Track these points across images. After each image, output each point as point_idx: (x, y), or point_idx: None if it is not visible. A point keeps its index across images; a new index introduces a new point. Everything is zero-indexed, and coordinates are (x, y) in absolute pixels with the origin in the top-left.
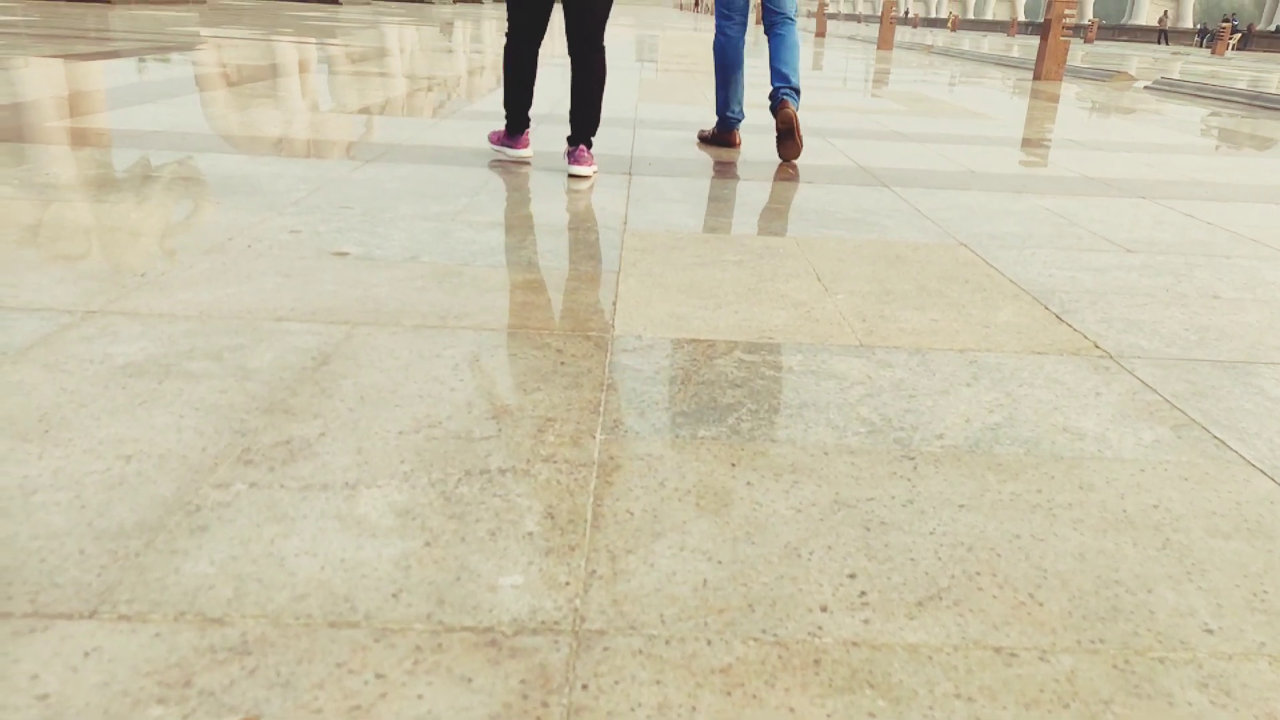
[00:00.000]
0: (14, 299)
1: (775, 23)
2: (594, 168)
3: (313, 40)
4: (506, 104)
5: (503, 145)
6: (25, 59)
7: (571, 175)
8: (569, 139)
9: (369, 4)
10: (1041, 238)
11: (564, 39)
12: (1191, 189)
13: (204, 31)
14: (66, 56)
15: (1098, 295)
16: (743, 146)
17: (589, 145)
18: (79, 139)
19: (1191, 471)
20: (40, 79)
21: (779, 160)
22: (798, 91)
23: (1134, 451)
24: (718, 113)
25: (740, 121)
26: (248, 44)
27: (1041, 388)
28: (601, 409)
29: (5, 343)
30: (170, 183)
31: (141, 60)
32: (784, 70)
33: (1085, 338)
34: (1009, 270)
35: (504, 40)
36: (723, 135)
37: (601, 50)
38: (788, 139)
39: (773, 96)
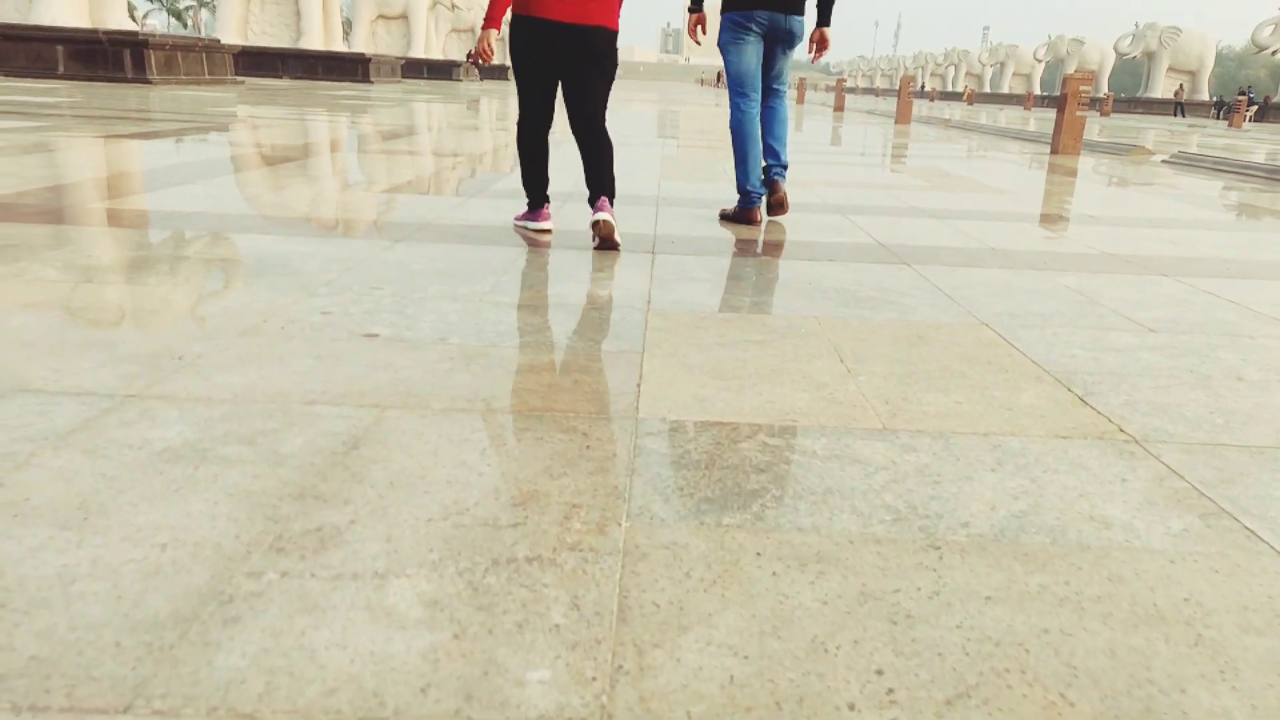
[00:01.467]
0: (58, 383)
1: (771, 94)
2: (613, 218)
3: (345, 118)
4: (525, 184)
5: (524, 221)
6: (69, 140)
7: (595, 222)
8: (590, 196)
9: (399, 82)
10: (1063, 317)
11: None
12: (1212, 266)
13: (241, 111)
14: (108, 137)
15: (1121, 377)
16: (764, 226)
17: (611, 199)
18: (120, 220)
19: (1222, 563)
20: (83, 160)
21: (800, 238)
22: (786, 167)
23: (1163, 541)
24: (739, 190)
25: (761, 197)
26: (283, 123)
27: (1067, 473)
28: (627, 495)
29: (49, 428)
30: (207, 264)
31: (180, 140)
32: (776, 147)
33: (1110, 421)
34: (1031, 350)
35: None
36: (744, 214)
37: (604, 131)
38: (777, 211)
39: (765, 172)
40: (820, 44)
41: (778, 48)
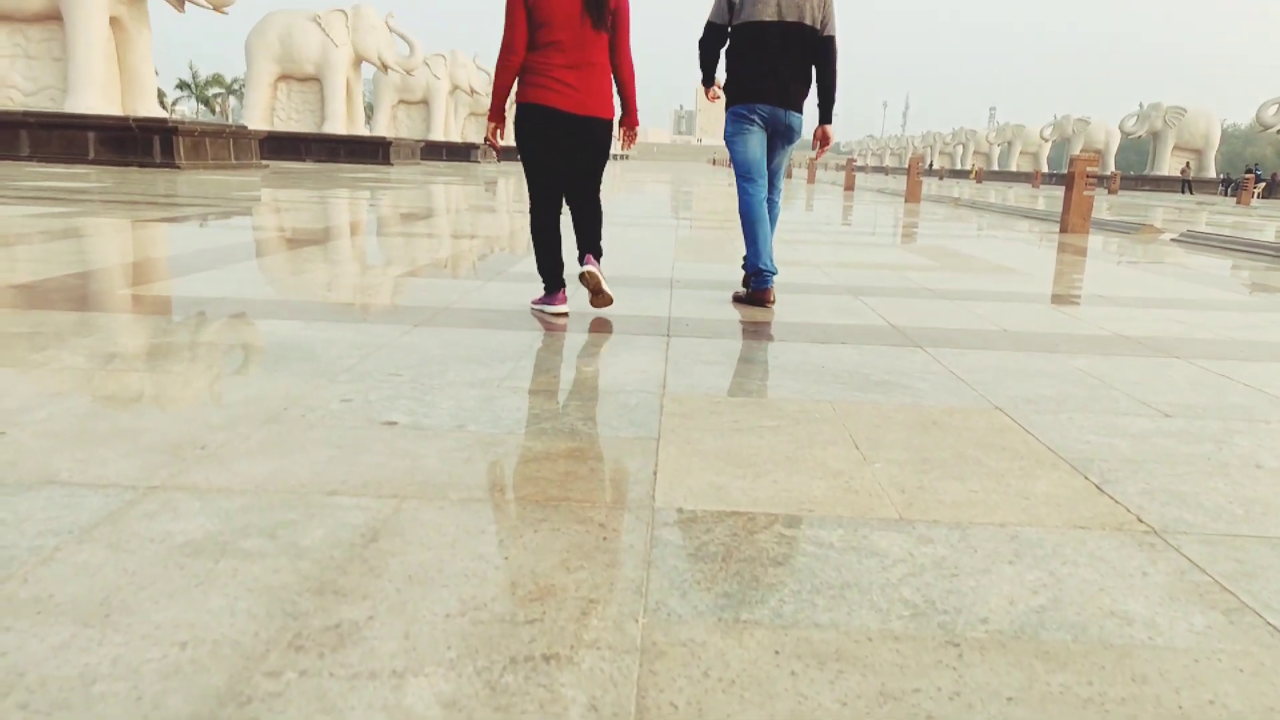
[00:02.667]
0: (83, 474)
1: (767, 195)
2: (599, 271)
3: (365, 200)
4: (540, 270)
5: (541, 305)
6: (97, 225)
7: (583, 274)
8: (580, 253)
9: (418, 164)
10: (1077, 401)
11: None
12: (1225, 348)
13: (265, 194)
14: (135, 222)
15: (1137, 464)
16: (777, 308)
17: (597, 255)
18: (146, 306)
19: (1247, 662)
20: (110, 246)
21: (812, 320)
22: (774, 274)
23: (1186, 639)
24: (751, 270)
25: (774, 275)
26: (305, 206)
27: (1086, 566)
28: (644, 590)
29: (73, 521)
30: (231, 350)
31: (205, 225)
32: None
33: (1128, 511)
34: (1045, 436)
35: (529, 212)
36: (758, 295)
37: (598, 201)
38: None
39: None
40: (823, 141)
41: (777, 141)
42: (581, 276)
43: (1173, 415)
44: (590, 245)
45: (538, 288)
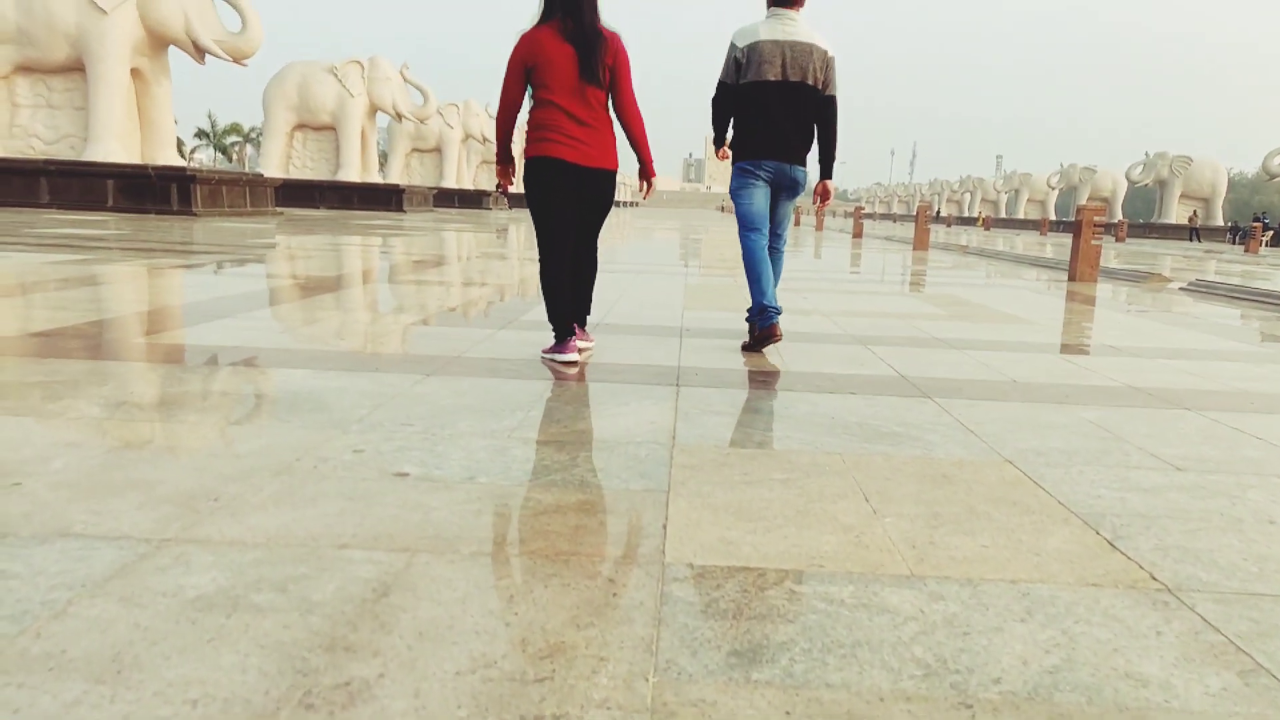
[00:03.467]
0: (97, 526)
1: (771, 244)
2: (591, 343)
3: (377, 247)
4: (550, 319)
5: (552, 354)
6: (114, 272)
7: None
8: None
9: (431, 210)
10: (1088, 454)
11: (607, 254)
12: (1236, 399)
13: (279, 241)
14: (151, 269)
15: (1150, 519)
16: (787, 358)
17: (583, 324)
18: (161, 355)
19: None
20: (126, 293)
21: (822, 370)
22: (779, 311)
23: (1201, 702)
24: (757, 309)
25: (779, 313)
26: (318, 253)
27: (1099, 625)
28: (654, 647)
29: (86, 574)
30: (244, 400)
31: (220, 272)
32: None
33: (1140, 568)
34: (1057, 490)
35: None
36: (765, 332)
37: (595, 254)
38: (762, 346)
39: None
40: (823, 195)
41: (782, 194)
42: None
43: (1185, 469)
44: (580, 310)
45: (548, 335)
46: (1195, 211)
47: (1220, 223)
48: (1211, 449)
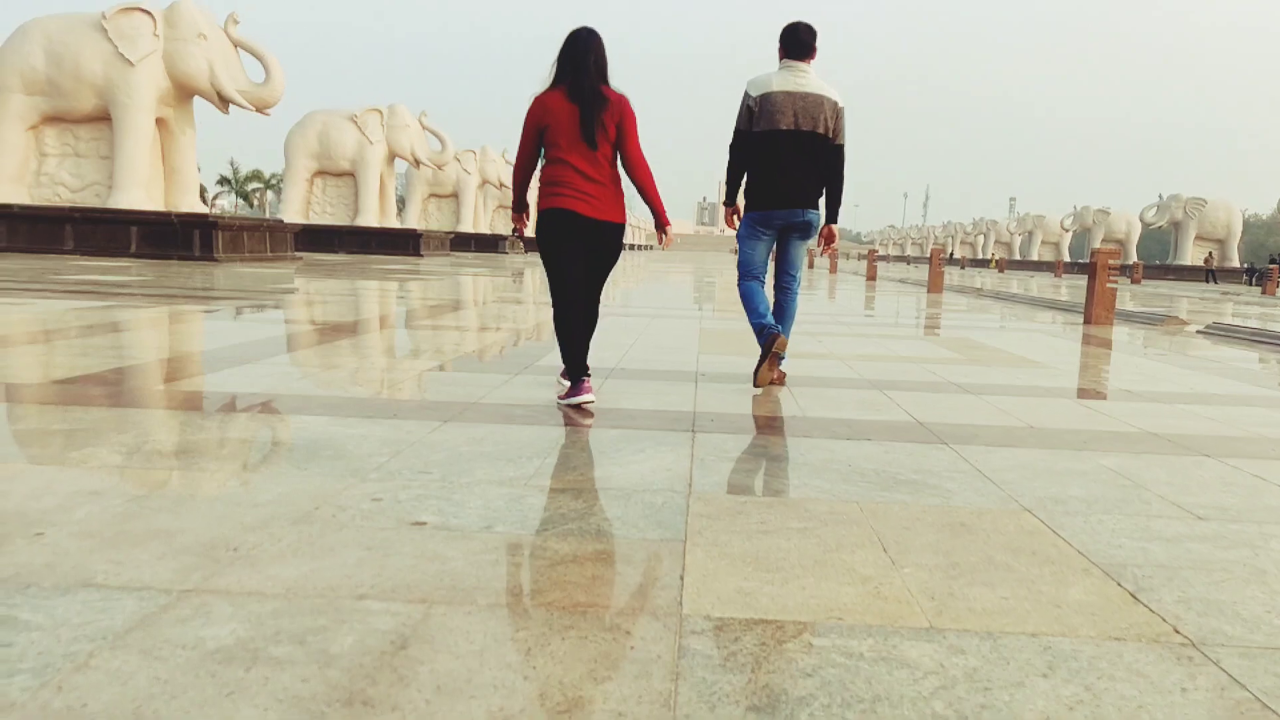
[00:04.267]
0: (118, 577)
1: (785, 284)
2: (592, 397)
3: (395, 291)
4: (564, 360)
5: (568, 397)
6: (136, 318)
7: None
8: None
9: (448, 254)
10: (1107, 502)
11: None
12: (1256, 446)
13: (299, 286)
14: (173, 316)
15: (1172, 570)
16: (802, 403)
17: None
18: (182, 402)
19: None
20: (148, 340)
21: (838, 415)
22: (783, 359)
23: None
24: (754, 328)
25: (775, 328)
26: (337, 298)
27: (1123, 681)
28: (672, 702)
29: (108, 626)
30: (264, 448)
31: (240, 318)
32: (783, 326)
33: (1164, 621)
34: (1076, 540)
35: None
36: (768, 344)
37: (597, 305)
38: (773, 358)
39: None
40: (829, 238)
41: (793, 235)
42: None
43: (1206, 518)
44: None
45: (563, 380)
46: (1210, 253)
47: (1236, 264)
48: (1232, 497)
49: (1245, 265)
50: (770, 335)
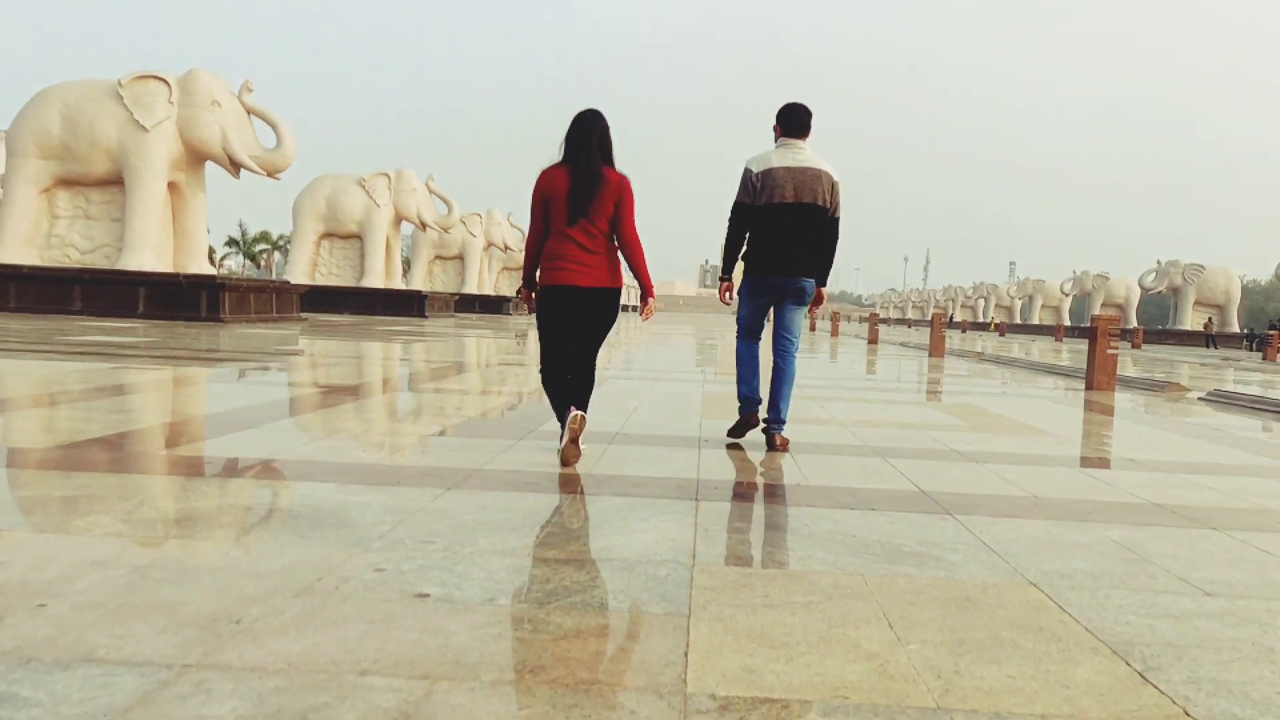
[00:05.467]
0: (119, 651)
1: (784, 347)
2: (584, 426)
3: (398, 353)
4: (554, 409)
5: (562, 439)
6: (141, 381)
7: (571, 416)
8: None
9: (452, 316)
10: (1113, 577)
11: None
12: (1262, 518)
13: (304, 348)
14: (177, 379)
15: (1181, 649)
16: (805, 470)
17: (583, 408)
18: (185, 468)
19: None
20: (153, 404)
21: (841, 484)
22: (784, 423)
23: None
24: (739, 397)
25: (758, 403)
26: (341, 361)
27: None
28: None
29: (108, 703)
30: (267, 516)
31: (244, 380)
32: (779, 404)
33: (1174, 703)
34: (1083, 616)
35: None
36: (745, 417)
37: (593, 368)
38: (739, 435)
39: (765, 429)
40: (817, 301)
41: (789, 301)
42: (570, 419)
43: (1214, 594)
44: (581, 401)
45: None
46: (1210, 318)
47: (1236, 329)
48: (1239, 572)
49: (1245, 330)
50: (747, 414)
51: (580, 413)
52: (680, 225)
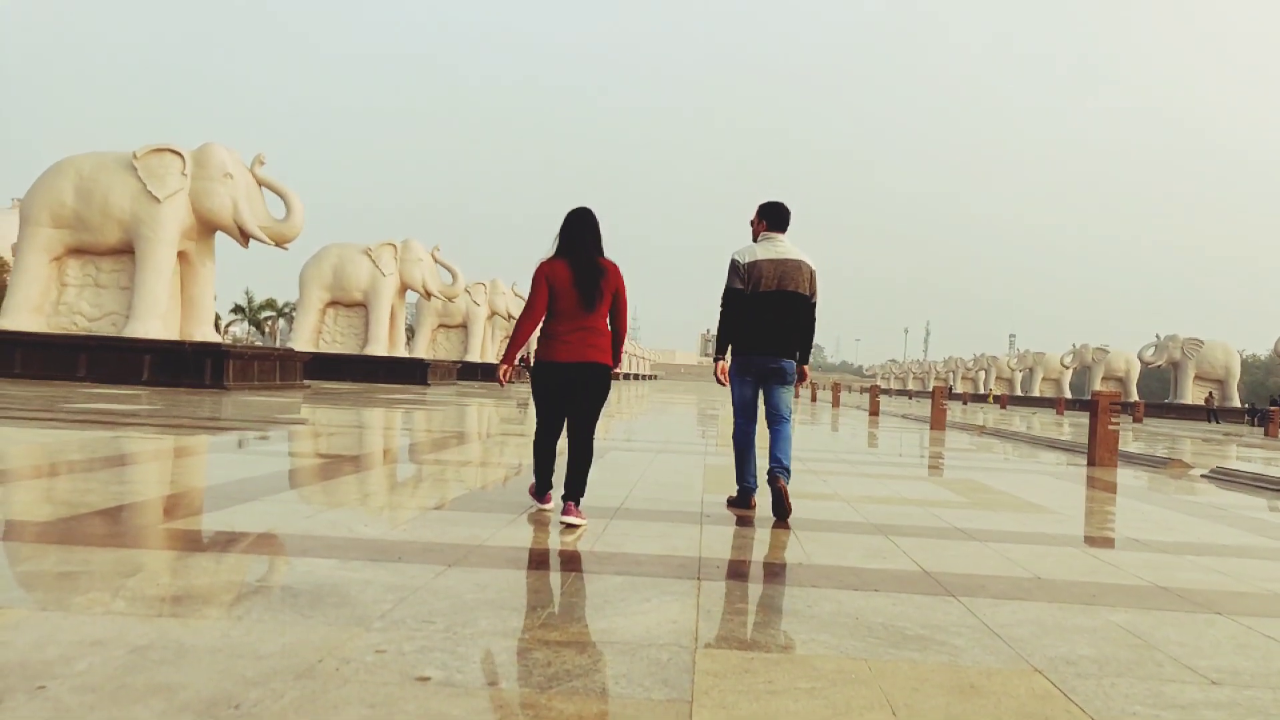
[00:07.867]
0: None
1: (775, 421)
2: (584, 521)
3: (400, 422)
4: (536, 474)
5: (535, 499)
6: (143, 450)
7: (563, 524)
8: (563, 497)
9: (454, 384)
10: (1119, 664)
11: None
12: (1267, 602)
13: (306, 415)
14: (178, 449)
15: None
16: (808, 548)
17: (577, 503)
18: (186, 543)
19: None
20: (154, 476)
21: (844, 563)
22: (788, 470)
23: None
24: (738, 483)
25: (755, 490)
26: (343, 430)
27: None
28: None
29: None
30: (267, 594)
31: (247, 451)
32: (780, 456)
33: None
34: (1089, 706)
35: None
36: (743, 500)
37: (591, 439)
38: (780, 501)
39: (770, 473)
40: (801, 377)
41: (772, 382)
42: (564, 525)
43: (1220, 683)
44: (574, 491)
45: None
46: (1211, 393)
47: (1237, 404)
48: (1245, 660)
49: (1246, 405)
50: (745, 501)
51: (571, 520)
52: (680, 295)
